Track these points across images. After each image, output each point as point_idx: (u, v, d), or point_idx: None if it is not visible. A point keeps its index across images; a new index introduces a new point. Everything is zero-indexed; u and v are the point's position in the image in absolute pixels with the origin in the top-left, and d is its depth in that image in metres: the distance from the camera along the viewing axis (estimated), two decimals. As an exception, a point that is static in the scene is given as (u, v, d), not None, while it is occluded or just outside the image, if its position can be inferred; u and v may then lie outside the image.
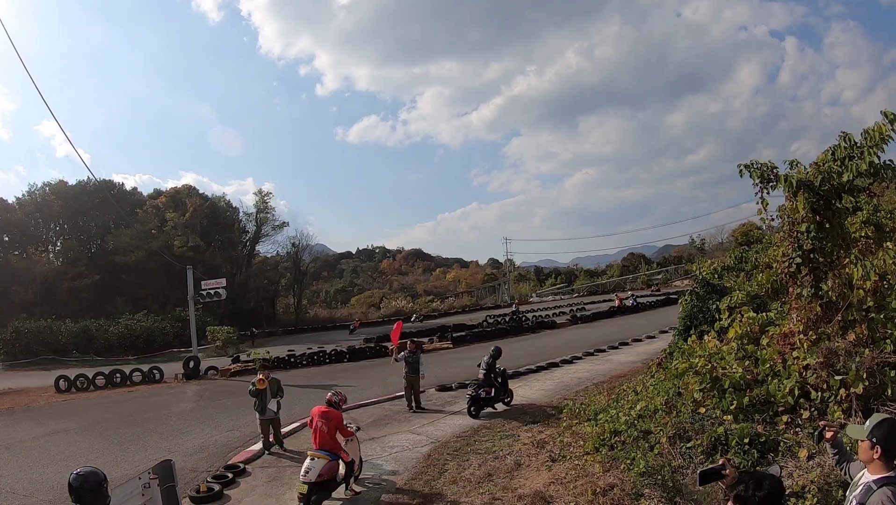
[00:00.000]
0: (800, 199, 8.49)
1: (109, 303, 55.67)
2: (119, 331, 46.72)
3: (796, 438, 7.30)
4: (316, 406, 9.86)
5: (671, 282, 67.84)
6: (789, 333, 8.65)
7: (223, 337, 41.30)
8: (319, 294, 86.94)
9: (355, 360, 28.77)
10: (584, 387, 17.11)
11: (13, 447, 14.88)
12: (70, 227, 65.57)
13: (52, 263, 61.47)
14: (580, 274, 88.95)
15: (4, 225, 60.78)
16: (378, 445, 12.64)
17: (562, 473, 9.08)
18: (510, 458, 10.41)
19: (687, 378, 9.32)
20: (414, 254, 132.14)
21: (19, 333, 43.83)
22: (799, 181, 8.51)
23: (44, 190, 64.73)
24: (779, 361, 8.35)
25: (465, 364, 23.50)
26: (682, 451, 7.96)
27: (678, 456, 7.90)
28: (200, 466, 11.98)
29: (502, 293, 77.63)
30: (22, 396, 24.35)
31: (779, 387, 7.93)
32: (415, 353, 16.51)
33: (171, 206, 65.12)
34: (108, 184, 67.71)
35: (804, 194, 8.43)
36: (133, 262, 58.34)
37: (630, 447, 8.81)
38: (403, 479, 10.11)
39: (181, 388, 24.54)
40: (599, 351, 24.37)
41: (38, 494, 10.86)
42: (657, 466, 7.76)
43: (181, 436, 14.76)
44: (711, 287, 14.56)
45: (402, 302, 73.63)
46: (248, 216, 70.95)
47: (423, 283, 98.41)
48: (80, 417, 18.81)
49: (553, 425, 12.39)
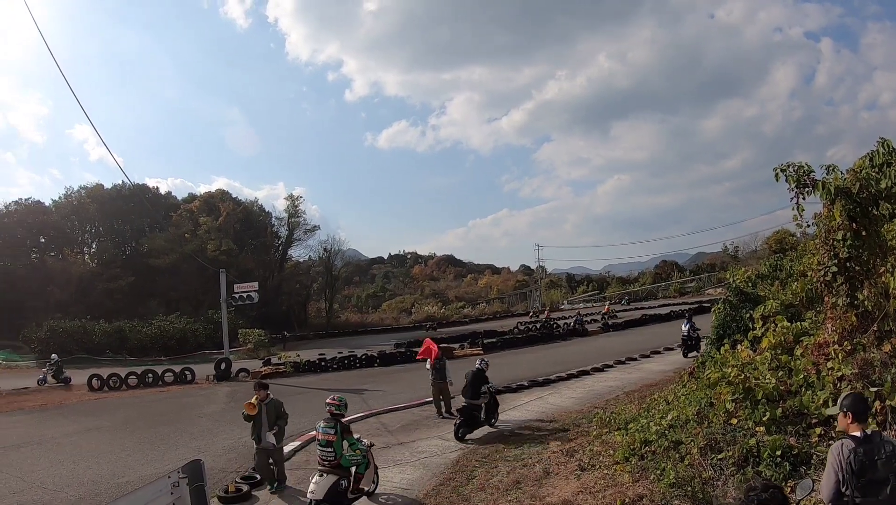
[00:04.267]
0: (836, 207, 8.36)
1: (143, 304, 56.57)
2: (152, 332, 47.37)
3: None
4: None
5: (704, 290, 66.91)
6: (824, 344, 8.51)
7: (255, 340, 41.64)
8: (351, 299, 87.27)
9: (386, 364, 28.92)
10: (614, 395, 16.97)
11: (45, 443, 15.22)
12: (105, 229, 66.91)
13: (88, 264, 62.73)
14: (612, 281, 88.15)
15: (41, 227, 62.23)
16: (407, 449, 12.67)
17: (591, 482, 9.00)
18: (539, 466, 10.35)
19: (719, 388, 9.20)
20: (446, 260, 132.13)
21: (54, 332, 44.71)
22: (837, 188, 8.37)
23: (80, 193, 66.21)
24: (813, 371, 8.22)
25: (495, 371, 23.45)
26: (713, 462, 7.85)
27: (709, 467, 7.79)
28: (229, 466, 12.11)
29: (533, 300, 77.23)
30: (55, 393, 24.87)
31: (812, 398, 7.81)
32: (441, 359, 16.44)
33: (204, 210, 66.02)
34: (142, 188, 68.98)
35: (841, 201, 8.29)
36: (167, 264, 59.30)
37: (660, 457, 8.70)
38: (431, 484, 10.11)
39: (212, 389, 24.85)
40: (631, 359, 24.14)
41: (67, 490, 11.07)
42: (687, 477, 7.66)
43: (211, 436, 14.93)
44: (745, 296, 14.32)
45: (432, 308, 73.53)
46: (280, 221, 71.66)
47: (455, 288, 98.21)
48: (111, 416, 19.18)
49: (583, 434, 12.30)
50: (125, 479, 11.47)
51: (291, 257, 73.31)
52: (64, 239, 63.68)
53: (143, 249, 63.79)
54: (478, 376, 13.78)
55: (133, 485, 10.78)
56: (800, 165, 8.93)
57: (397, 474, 10.84)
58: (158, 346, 46.05)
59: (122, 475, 11.76)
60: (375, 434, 14.25)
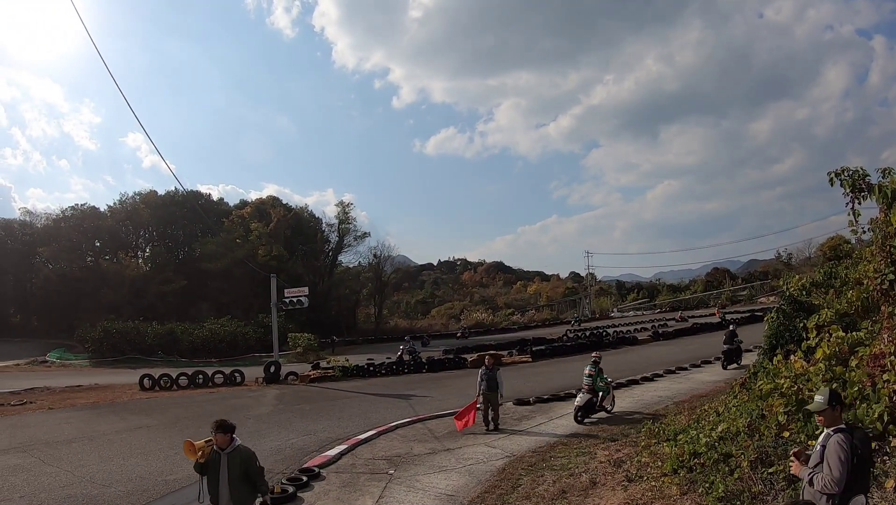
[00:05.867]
0: (893, 211, 8.12)
1: (194, 307, 58.14)
2: (203, 334, 48.58)
3: (884, 466, 6.92)
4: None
5: (756, 298, 65.39)
6: (880, 355, 8.23)
7: (304, 344, 42.24)
8: (400, 304, 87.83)
9: (434, 370, 28.98)
10: (663, 405, 16.72)
11: (96, 439, 15.67)
12: (158, 234, 69.22)
13: (141, 268, 64.90)
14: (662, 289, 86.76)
15: (96, 231, 64.59)
16: (453, 456, 12.68)
17: (637, 494, 8.88)
18: (585, 476, 10.24)
19: (771, 400, 9.02)
20: (495, 266, 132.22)
21: (108, 332, 46.34)
22: (893, 191, 8.12)
23: (134, 199, 68.63)
24: (868, 383, 7.97)
25: (543, 379, 23.37)
26: (764, 476, 7.67)
27: (759, 482, 7.62)
28: (276, 467, 12.25)
29: (583, 307, 76.61)
30: (107, 391, 25.68)
31: (867, 412, 7.56)
32: (492, 368, 15.47)
33: (255, 216, 67.44)
34: (195, 194, 71.13)
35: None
36: (218, 269, 60.76)
37: (709, 470, 8.54)
38: (476, 492, 10.10)
39: (261, 391, 25.30)
40: (681, 369, 23.72)
41: (116, 485, 11.34)
42: (736, 491, 7.51)
43: (259, 438, 15.14)
44: (798, 304, 13.93)
45: (482, 314, 73.58)
46: (331, 227, 72.73)
47: (504, 295, 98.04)
48: (161, 415, 19.66)
49: (631, 444, 12.15)
50: (173, 476, 11.73)
51: (341, 263, 74.43)
52: (118, 243, 65.95)
53: (195, 254, 65.63)
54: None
55: (180, 483, 11.10)
56: (854, 170, 8.70)
57: (443, 481, 10.86)
58: (209, 348, 47.29)
59: (171, 473, 12.02)
60: (422, 440, 14.34)
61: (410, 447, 13.63)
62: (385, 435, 15.02)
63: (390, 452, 13.26)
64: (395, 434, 15.17)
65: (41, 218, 66.41)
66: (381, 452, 13.29)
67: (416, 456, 12.81)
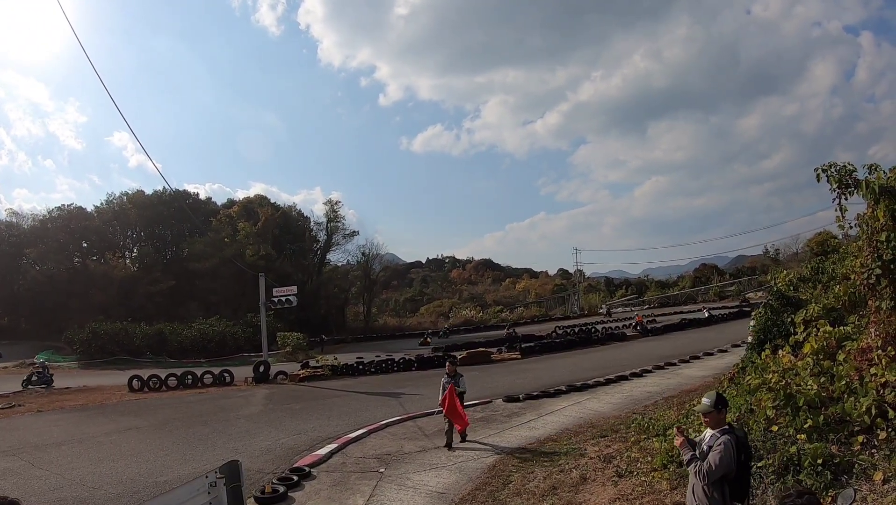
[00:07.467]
0: (880, 207, 8.16)
1: (183, 308, 57.78)
2: (192, 334, 48.30)
3: (872, 459, 6.98)
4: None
5: (744, 293, 65.62)
6: (867, 349, 8.30)
7: (293, 343, 42.20)
8: (389, 303, 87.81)
9: (423, 368, 28.96)
10: (653, 401, 16.76)
11: (85, 442, 15.51)
12: (146, 234, 68.77)
13: (129, 268, 64.25)
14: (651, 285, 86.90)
15: (83, 231, 64.02)
16: (443, 453, 12.69)
17: (628, 489, 8.92)
18: (576, 471, 10.27)
19: (760, 394, 9.06)
20: (483, 264, 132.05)
21: (96, 334, 46.00)
22: (880, 187, 8.17)
23: (121, 199, 68.15)
24: (856, 377, 8.03)
25: (532, 375, 23.39)
26: (753, 470, 7.71)
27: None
28: (266, 467, 12.24)
29: (571, 304, 76.66)
30: (96, 393, 25.47)
31: (855, 405, 7.62)
32: (454, 375, 13.87)
33: (243, 215, 67.16)
34: (182, 194, 70.78)
35: (885, 201, 8.10)
36: (207, 269, 60.50)
37: (699, 464, 8.57)
38: (467, 489, 10.11)
39: (251, 391, 25.17)
40: (669, 364, 23.79)
41: (106, 487, 11.26)
42: (726, 484, 7.54)
43: (249, 437, 15.11)
44: (786, 299, 13.99)
45: (470, 312, 73.59)
46: (319, 225, 72.49)
47: (493, 292, 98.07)
48: (151, 416, 19.49)
49: (621, 440, 12.19)
50: (163, 478, 11.67)
51: (330, 262, 74.13)
52: (106, 243, 65.41)
53: (183, 254, 65.29)
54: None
55: (171, 484, 10.96)
56: (842, 165, 8.74)
57: (433, 478, 10.87)
58: (198, 348, 47.00)
59: (161, 474, 11.97)
60: (412, 438, 14.34)
61: (401, 445, 13.64)
62: (375, 433, 15.01)
63: (381, 450, 13.25)
64: (385, 432, 15.16)
65: (27, 219, 65.72)
66: (372, 450, 13.28)
67: (406, 454, 12.81)
